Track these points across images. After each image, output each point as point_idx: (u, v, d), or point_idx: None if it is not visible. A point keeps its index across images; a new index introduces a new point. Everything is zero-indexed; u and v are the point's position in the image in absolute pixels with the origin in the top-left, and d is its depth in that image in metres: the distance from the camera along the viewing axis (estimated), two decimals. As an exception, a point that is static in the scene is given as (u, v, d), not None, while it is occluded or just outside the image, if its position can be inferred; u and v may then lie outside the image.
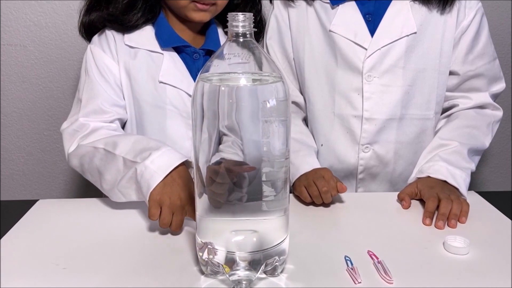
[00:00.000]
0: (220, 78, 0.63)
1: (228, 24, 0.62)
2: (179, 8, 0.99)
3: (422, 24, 1.00)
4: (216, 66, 0.63)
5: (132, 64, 1.01)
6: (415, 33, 1.00)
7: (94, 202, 0.95)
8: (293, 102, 1.10)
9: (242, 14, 0.61)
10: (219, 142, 0.63)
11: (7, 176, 1.57)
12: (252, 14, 0.62)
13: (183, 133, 1.02)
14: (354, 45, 1.01)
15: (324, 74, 1.06)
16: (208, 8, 0.98)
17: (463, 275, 0.69)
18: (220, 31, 1.09)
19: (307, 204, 0.93)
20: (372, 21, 1.02)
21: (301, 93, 1.12)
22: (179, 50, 1.03)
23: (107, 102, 0.98)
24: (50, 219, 0.88)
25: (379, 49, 1.00)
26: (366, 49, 1.01)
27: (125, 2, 0.99)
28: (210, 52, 1.05)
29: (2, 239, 0.80)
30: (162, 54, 1.01)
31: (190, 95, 1.00)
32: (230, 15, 0.62)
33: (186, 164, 0.85)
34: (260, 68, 0.64)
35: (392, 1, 1.01)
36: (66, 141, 0.96)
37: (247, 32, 0.62)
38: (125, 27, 1.01)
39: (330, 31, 1.03)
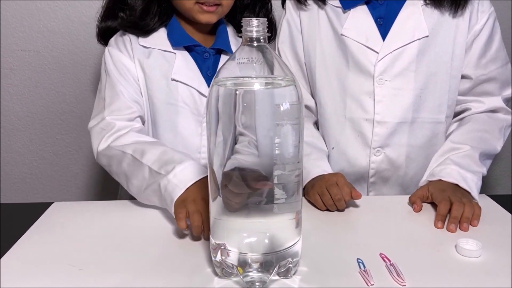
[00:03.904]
0: (235, 82, 0.64)
1: (242, 29, 0.63)
2: (186, 11, 1.02)
3: (434, 27, 1.01)
4: (230, 70, 0.64)
5: (146, 63, 1.04)
6: (427, 36, 1.00)
7: (108, 204, 0.96)
8: (305, 106, 1.11)
9: (256, 20, 0.62)
10: (234, 145, 0.63)
11: (20, 179, 1.59)
12: (266, 19, 0.63)
13: (193, 130, 1.05)
14: (366, 49, 1.02)
15: (335, 78, 1.06)
16: (214, 9, 1.01)
17: (475, 278, 0.69)
18: (230, 31, 1.11)
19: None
20: (384, 25, 1.02)
21: (312, 97, 1.12)
22: (190, 49, 1.06)
23: (129, 99, 1.02)
24: (65, 222, 0.89)
25: (391, 52, 1.00)
26: (377, 52, 1.01)
27: (141, 9, 1.03)
28: (220, 51, 1.08)
29: (18, 241, 0.81)
30: (175, 53, 1.05)
31: (200, 93, 1.04)
32: (245, 20, 0.63)
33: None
34: (273, 72, 0.65)
35: (404, 5, 1.02)
36: (94, 139, 1.00)
37: (261, 37, 0.63)
38: (144, 32, 1.05)
39: (341, 35, 1.03)
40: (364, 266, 0.71)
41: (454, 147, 1.01)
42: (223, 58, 1.08)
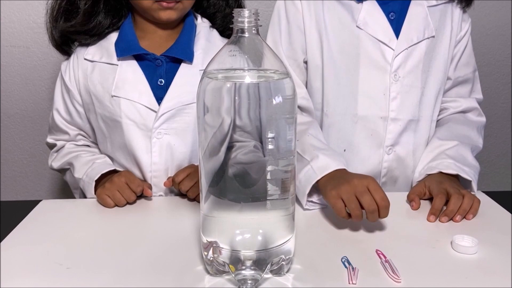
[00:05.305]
0: (225, 75, 0.62)
1: (234, 20, 0.62)
2: (145, 10, 0.97)
3: (437, 29, 1.01)
4: (221, 62, 0.62)
5: (90, 79, 1.00)
6: (433, 37, 1.01)
7: (96, 202, 0.94)
8: (306, 108, 1.05)
9: (248, 10, 0.61)
10: (225, 139, 0.62)
11: (9, 177, 1.57)
12: (257, 9, 0.62)
13: (142, 147, 0.99)
14: (381, 44, 0.99)
15: (344, 75, 1.01)
16: (174, 5, 0.95)
17: (471, 275, 0.69)
18: (205, 27, 1.04)
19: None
20: (396, 20, 1.00)
21: (316, 97, 1.07)
22: (141, 57, 0.99)
23: (66, 124, 1.08)
24: (53, 219, 0.87)
25: (406, 48, 0.99)
26: (393, 49, 0.99)
27: (86, 7, 0.98)
28: (176, 58, 0.99)
29: (5, 239, 0.79)
30: (117, 65, 0.99)
31: (146, 107, 0.98)
32: (236, 11, 0.62)
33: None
34: (266, 64, 0.64)
35: (411, 4, 1.00)
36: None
37: (253, 28, 0.62)
38: (91, 36, 1.00)
39: (357, 26, 0.99)
40: (350, 264, 0.70)
41: (442, 143, 1.01)
42: (184, 66, 0.99)
